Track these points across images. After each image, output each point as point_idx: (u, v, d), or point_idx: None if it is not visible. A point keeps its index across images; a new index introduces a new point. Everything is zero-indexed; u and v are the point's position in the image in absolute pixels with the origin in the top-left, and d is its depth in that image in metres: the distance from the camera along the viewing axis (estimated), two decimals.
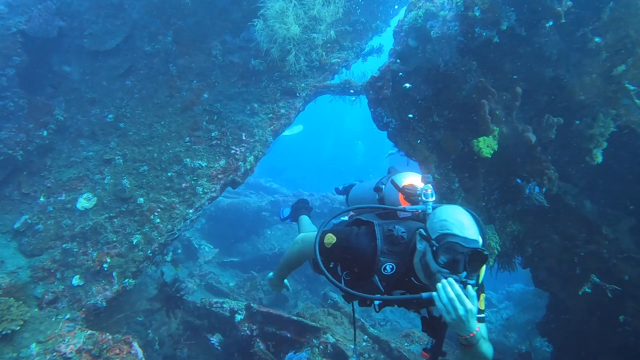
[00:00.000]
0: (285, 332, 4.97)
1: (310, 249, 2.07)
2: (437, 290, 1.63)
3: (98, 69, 5.69)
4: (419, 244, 1.81)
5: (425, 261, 1.76)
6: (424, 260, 1.78)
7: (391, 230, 1.92)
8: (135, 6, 5.75)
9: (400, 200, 2.21)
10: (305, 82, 4.89)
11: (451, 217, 1.76)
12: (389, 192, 2.32)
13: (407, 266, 1.89)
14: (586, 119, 3.80)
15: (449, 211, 1.81)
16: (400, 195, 2.21)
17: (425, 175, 2.21)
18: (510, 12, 3.05)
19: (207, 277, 7.39)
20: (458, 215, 1.77)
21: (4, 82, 5.27)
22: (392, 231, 1.91)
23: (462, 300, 1.58)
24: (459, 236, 1.68)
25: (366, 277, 1.93)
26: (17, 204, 5.12)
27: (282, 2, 4.68)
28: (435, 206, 1.98)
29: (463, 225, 1.72)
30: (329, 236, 2.01)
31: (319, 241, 2.02)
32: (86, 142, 5.33)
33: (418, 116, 3.74)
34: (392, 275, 1.89)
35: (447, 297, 1.60)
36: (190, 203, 4.53)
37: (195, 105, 5.11)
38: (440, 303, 1.61)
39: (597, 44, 3.52)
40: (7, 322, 3.36)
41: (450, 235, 1.69)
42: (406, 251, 1.89)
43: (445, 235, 1.70)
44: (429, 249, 1.75)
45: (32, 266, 4.56)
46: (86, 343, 3.56)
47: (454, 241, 1.67)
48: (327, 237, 2.01)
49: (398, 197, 2.22)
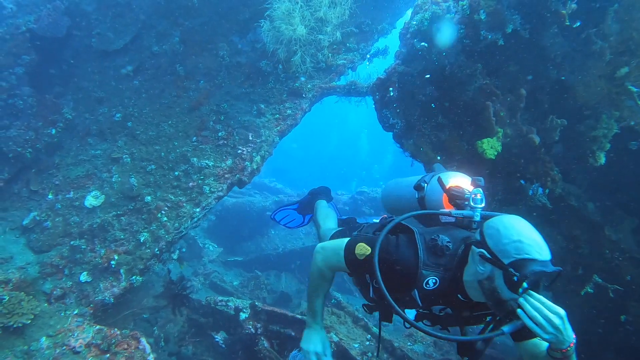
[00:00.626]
0: (289, 331, 5.02)
1: (337, 260, 1.85)
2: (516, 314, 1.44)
3: (106, 68, 5.76)
4: (481, 266, 1.57)
5: (493, 287, 1.53)
6: (489, 285, 1.54)
7: (435, 240, 1.70)
8: (142, 6, 5.82)
9: (443, 203, 1.98)
10: (312, 83, 4.95)
11: (524, 235, 1.50)
12: (432, 192, 2.09)
13: (452, 281, 1.69)
14: (589, 120, 3.84)
15: (516, 227, 1.54)
16: (445, 197, 1.97)
17: (476, 177, 1.96)
18: (515, 15, 3.10)
19: (212, 275, 7.45)
20: (529, 232, 1.52)
21: (14, 81, 5.34)
22: (435, 241, 1.70)
23: (552, 309, 1.40)
24: (540, 261, 1.45)
25: (404, 290, 1.74)
26: (25, 200, 5.19)
27: (288, 3, 4.73)
28: (484, 214, 1.77)
29: (539, 244, 1.49)
30: (361, 246, 1.79)
31: (348, 253, 1.80)
32: (94, 140, 5.40)
33: (423, 117, 3.79)
34: (434, 290, 1.69)
35: (540, 315, 1.39)
36: (197, 202, 4.59)
37: (202, 105, 5.17)
38: (533, 324, 1.40)
39: (601, 46, 3.56)
40: (18, 316, 3.43)
41: (532, 262, 1.44)
42: (451, 264, 1.68)
43: (525, 261, 1.45)
44: (501, 275, 1.49)
45: (41, 262, 4.62)
46: (95, 338, 3.63)
47: (540, 270, 1.43)
48: (359, 248, 1.79)
49: (442, 199, 1.99)
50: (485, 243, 1.57)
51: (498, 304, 1.53)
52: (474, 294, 1.64)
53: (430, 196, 2.09)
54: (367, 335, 5.56)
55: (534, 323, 1.40)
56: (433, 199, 2.06)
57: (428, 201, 2.10)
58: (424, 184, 2.14)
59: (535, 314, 1.40)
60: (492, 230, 1.58)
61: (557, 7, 3.14)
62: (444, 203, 1.97)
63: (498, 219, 1.62)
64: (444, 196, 1.98)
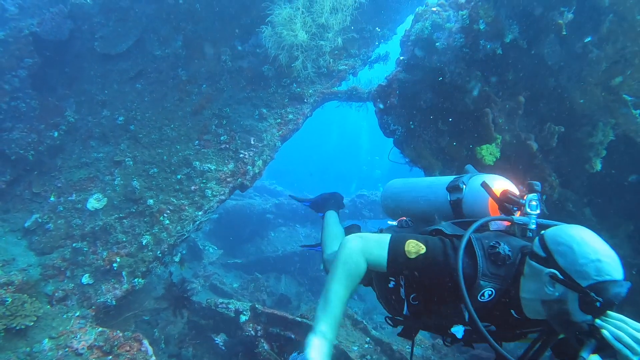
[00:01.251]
0: (289, 333, 5.06)
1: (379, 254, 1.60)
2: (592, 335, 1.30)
3: (109, 71, 5.81)
4: (549, 287, 1.39)
5: (564, 310, 1.36)
6: (559, 307, 1.37)
7: (495, 248, 1.51)
8: (145, 11, 5.87)
9: (489, 208, 1.80)
10: (313, 88, 5.01)
11: (601, 253, 1.32)
12: (473, 195, 1.87)
13: (507, 295, 1.51)
14: (586, 127, 3.92)
15: (591, 243, 1.36)
16: (491, 202, 1.78)
17: (531, 182, 1.72)
18: (514, 25, 3.18)
19: (212, 277, 7.48)
20: (605, 248, 1.34)
21: (16, 83, 5.38)
22: (496, 249, 1.51)
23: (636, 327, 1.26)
24: (620, 281, 1.30)
25: (452, 302, 1.55)
26: (27, 203, 5.22)
27: (289, 9, 4.80)
28: (540, 222, 1.62)
29: (616, 261, 1.33)
30: (414, 244, 1.57)
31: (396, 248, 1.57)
32: (97, 143, 5.44)
33: (423, 123, 3.85)
34: (487, 303, 1.51)
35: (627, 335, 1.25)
36: (199, 205, 4.64)
37: (204, 109, 5.22)
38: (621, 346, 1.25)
39: (597, 55, 3.64)
40: (21, 318, 3.46)
41: (614, 284, 1.29)
42: (509, 276, 1.50)
43: (607, 284, 1.28)
44: (576, 299, 1.33)
45: (43, 264, 4.65)
46: (97, 340, 3.66)
47: (621, 291, 1.28)
48: (411, 245, 1.57)
49: (487, 204, 1.80)
50: (556, 262, 1.39)
51: (567, 326, 1.38)
52: (532, 312, 1.48)
53: (472, 199, 1.87)
54: (366, 338, 5.60)
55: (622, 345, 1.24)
56: (475, 203, 1.85)
57: (468, 204, 1.89)
58: (462, 185, 1.92)
59: (621, 335, 1.25)
60: (563, 248, 1.39)
61: (555, 17, 3.21)
62: (490, 208, 1.80)
63: (564, 232, 1.43)
64: (489, 201, 1.79)
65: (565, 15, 3.31)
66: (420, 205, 2.13)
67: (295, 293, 7.86)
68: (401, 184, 2.35)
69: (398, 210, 2.30)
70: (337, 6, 4.62)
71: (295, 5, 4.58)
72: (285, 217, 9.80)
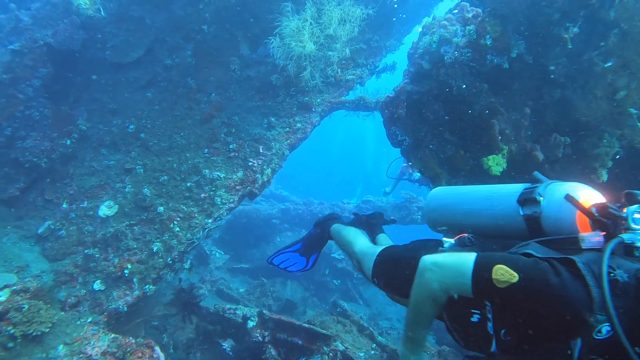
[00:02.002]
0: (296, 339, 5.12)
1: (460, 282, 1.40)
2: None
3: (120, 80, 5.92)
4: None
5: None
6: None
7: (612, 274, 1.25)
8: (155, 20, 5.99)
9: (578, 223, 1.54)
10: (321, 97, 5.09)
11: None
12: (557, 209, 1.60)
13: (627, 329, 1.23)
14: (592, 138, 3.96)
15: None
16: (579, 216, 1.53)
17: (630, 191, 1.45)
18: (520, 41, 3.24)
19: (218, 282, 7.55)
20: None
21: (30, 93, 5.50)
22: (613, 275, 1.25)
23: None
24: None
25: (559, 339, 1.29)
26: (40, 209, 5.32)
27: (297, 21, 4.89)
28: None
29: None
30: (504, 271, 1.31)
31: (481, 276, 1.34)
32: (108, 151, 5.54)
33: (430, 134, 3.91)
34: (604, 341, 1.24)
35: None
36: (208, 213, 4.72)
37: (213, 118, 5.31)
38: None
39: (603, 68, 3.69)
40: (37, 324, 3.54)
41: None
42: (628, 306, 1.23)
43: None
44: None
45: (55, 270, 4.74)
46: (110, 346, 3.74)
47: None
48: (500, 271, 1.31)
49: (575, 219, 1.54)
50: None
51: None
52: None
53: (554, 214, 1.60)
54: (372, 345, 5.65)
55: None
56: (560, 218, 1.57)
57: (549, 220, 1.61)
58: (539, 198, 1.64)
59: None
60: None
61: (560, 32, 3.27)
62: (578, 223, 1.53)
63: None
64: (577, 214, 1.53)
65: (570, 30, 3.37)
66: (480, 220, 1.86)
67: (301, 298, 7.92)
68: (449, 195, 2.10)
69: (449, 225, 2.04)
70: (345, 17, 4.71)
71: (303, 16, 4.66)
72: (291, 222, 9.87)
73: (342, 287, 8.86)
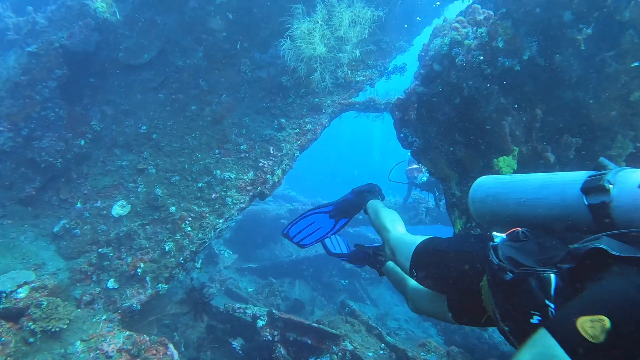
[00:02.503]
0: (305, 339, 5.16)
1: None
2: None
3: (132, 81, 6.01)
4: None
5: None
6: None
7: None
8: (167, 22, 6.07)
9: None
10: (331, 98, 5.13)
11: None
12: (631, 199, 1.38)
13: None
14: (604, 139, 3.94)
15: None
16: None
17: None
18: (532, 43, 3.24)
19: (227, 282, 7.63)
20: None
21: (46, 94, 5.62)
22: None
23: None
24: None
25: None
26: (56, 209, 5.43)
27: (308, 23, 4.93)
28: None
29: None
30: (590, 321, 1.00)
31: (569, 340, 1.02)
32: (121, 151, 5.63)
33: (440, 135, 3.93)
34: None
35: None
36: (220, 213, 4.78)
37: (224, 119, 5.37)
38: None
39: (616, 69, 3.67)
40: (55, 320, 3.63)
41: None
42: None
43: None
44: None
45: (71, 268, 4.85)
46: (125, 343, 3.81)
47: None
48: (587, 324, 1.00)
49: None
50: None
51: None
52: None
53: (629, 203, 1.38)
54: (381, 344, 5.67)
55: None
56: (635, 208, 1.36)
57: (622, 210, 1.40)
58: (609, 186, 1.43)
59: None
60: None
61: (573, 34, 3.26)
62: None
63: None
64: None
65: (583, 31, 3.36)
66: (535, 211, 1.66)
67: (309, 298, 7.96)
68: (498, 184, 1.88)
69: (498, 217, 1.84)
70: (355, 19, 4.73)
71: (314, 19, 4.70)
72: None
73: (349, 287, 8.89)
